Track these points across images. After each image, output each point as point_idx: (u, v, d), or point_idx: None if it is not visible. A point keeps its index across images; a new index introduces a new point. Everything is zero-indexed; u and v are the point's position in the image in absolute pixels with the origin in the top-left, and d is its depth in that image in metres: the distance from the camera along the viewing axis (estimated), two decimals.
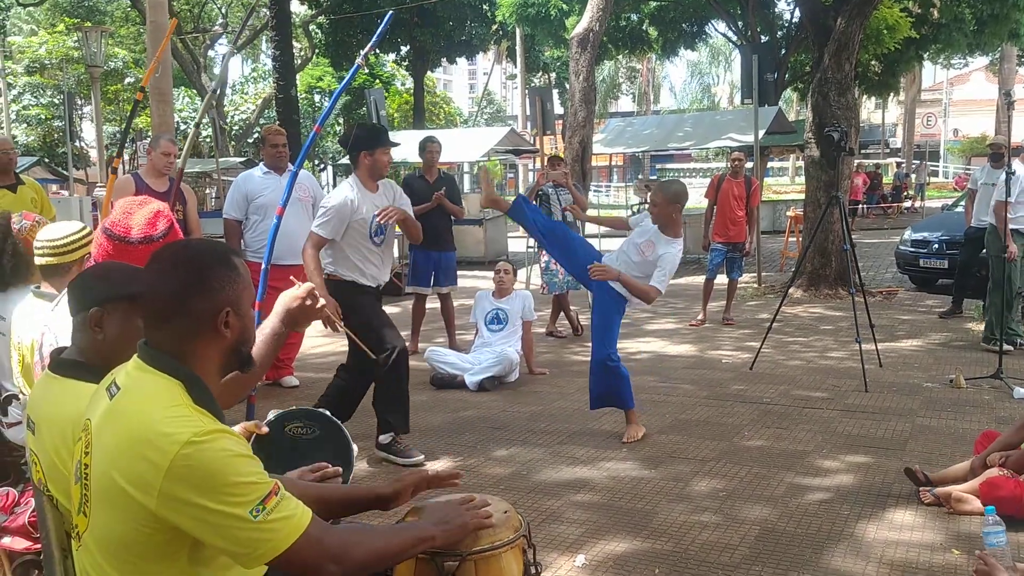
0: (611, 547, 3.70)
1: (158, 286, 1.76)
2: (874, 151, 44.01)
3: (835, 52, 10.75)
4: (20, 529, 2.61)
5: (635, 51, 23.49)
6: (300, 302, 2.35)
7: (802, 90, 21.98)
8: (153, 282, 1.77)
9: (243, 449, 1.66)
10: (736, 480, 4.49)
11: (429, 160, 7.85)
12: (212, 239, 2.14)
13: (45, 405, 2.11)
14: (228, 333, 1.77)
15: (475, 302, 7.33)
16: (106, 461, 1.65)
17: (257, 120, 32.42)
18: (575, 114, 13.33)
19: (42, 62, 30.73)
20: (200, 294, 1.74)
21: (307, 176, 6.81)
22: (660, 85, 57.42)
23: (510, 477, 4.61)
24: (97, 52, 13.59)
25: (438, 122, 39.35)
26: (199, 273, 1.75)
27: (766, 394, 6.25)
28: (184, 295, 1.73)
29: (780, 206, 21.39)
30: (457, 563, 2.00)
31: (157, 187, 5.93)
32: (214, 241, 1.94)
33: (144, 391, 1.70)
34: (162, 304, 1.75)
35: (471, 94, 74.09)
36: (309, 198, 6.47)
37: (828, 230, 10.53)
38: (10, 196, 6.45)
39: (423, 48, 28.65)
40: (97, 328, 2.11)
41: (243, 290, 1.81)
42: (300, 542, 1.64)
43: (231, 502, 1.59)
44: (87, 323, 2.12)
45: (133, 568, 1.67)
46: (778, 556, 3.58)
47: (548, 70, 36.26)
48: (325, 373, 7.22)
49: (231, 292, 1.77)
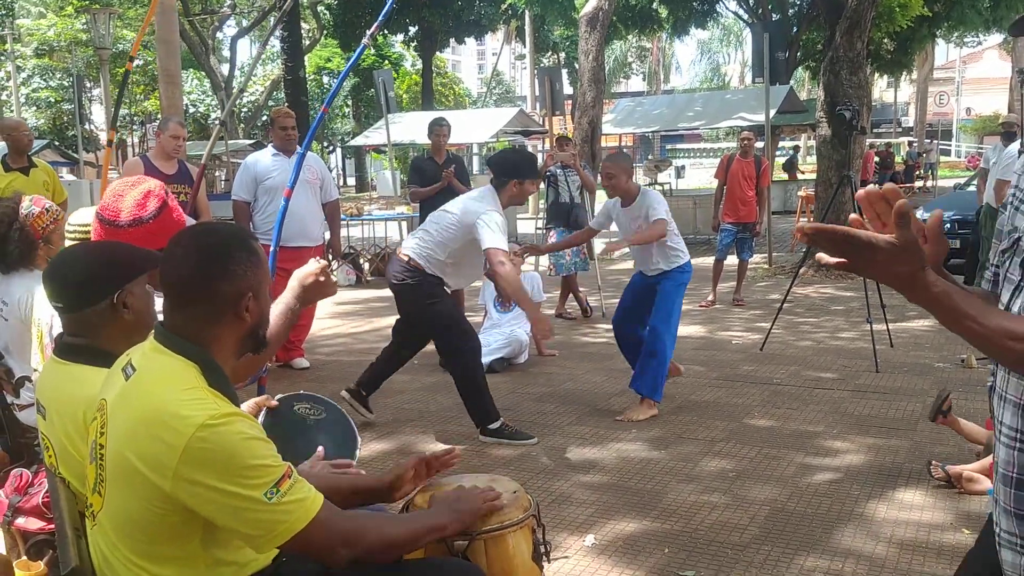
0: (620, 527, 3.72)
1: (181, 270, 1.75)
2: (886, 130, 43.66)
3: (847, 30, 10.66)
4: (34, 509, 2.62)
5: (645, 30, 23.31)
6: (314, 278, 2.38)
7: (814, 69, 21.80)
8: (175, 265, 1.77)
9: (258, 432, 1.67)
10: (745, 460, 4.49)
11: (437, 142, 7.84)
12: (229, 222, 2.13)
13: (52, 390, 2.11)
14: (248, 317, 1.78)
15: (483, 284, 7.32)
16: (121, 441, 1.66)
17: (266, 102, 32.38)
18: (584, 94, 13.27)
19: (51, 45, 30.72)
20: (224, 279, 1.74)
21: (315, 158, 6.80)
22: (670, 64, 57.11)
23: (519, 458, 4.63)
24: (106, 34, 13.55)
25: (447, 103, 39.24)
26: (223, 258, 1.75)
27: (776, 375, 6.24)
28: (208, 279, 1.74)
29: (791, 186, 21.28)
30: (467, 543, 2.01)
31: (166, 169, 5.93)
32: (235, 225, 1.93)
33: (160, 372, 1.71)
34: (185, 288, 1.75)
35: (480, 75, 73.79)
36: (317, 180, 6.48)
37: (840, 210, 10.47)
38: (23, 179, 6.47)
39: (431, 28, 28.51)
40: (125, 309, 2.11)
41: (263, 275, 1.82)
42: (313, 524, 1.65)
43: (246, 484, 1.60)
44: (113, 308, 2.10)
45: (147, 548, 1.69)
46: (788, 536, 3.58)
47: (557, 50, 36.06)
48: (335, 356, 7.26)
49: (252, 277, 1.78)
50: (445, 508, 1.99)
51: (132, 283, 2.12)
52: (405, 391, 6.06)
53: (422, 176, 7.81)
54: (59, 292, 2.16)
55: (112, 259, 2.17)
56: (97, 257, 2.19)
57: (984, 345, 1.25)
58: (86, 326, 2.13)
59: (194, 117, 29.80)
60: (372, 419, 5.17)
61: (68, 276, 2.15)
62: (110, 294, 2.10)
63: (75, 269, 2.15)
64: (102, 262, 2.16)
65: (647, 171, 20.68)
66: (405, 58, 38.81)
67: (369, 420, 5.15)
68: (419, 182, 7.81)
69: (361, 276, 11.65)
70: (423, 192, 7.73)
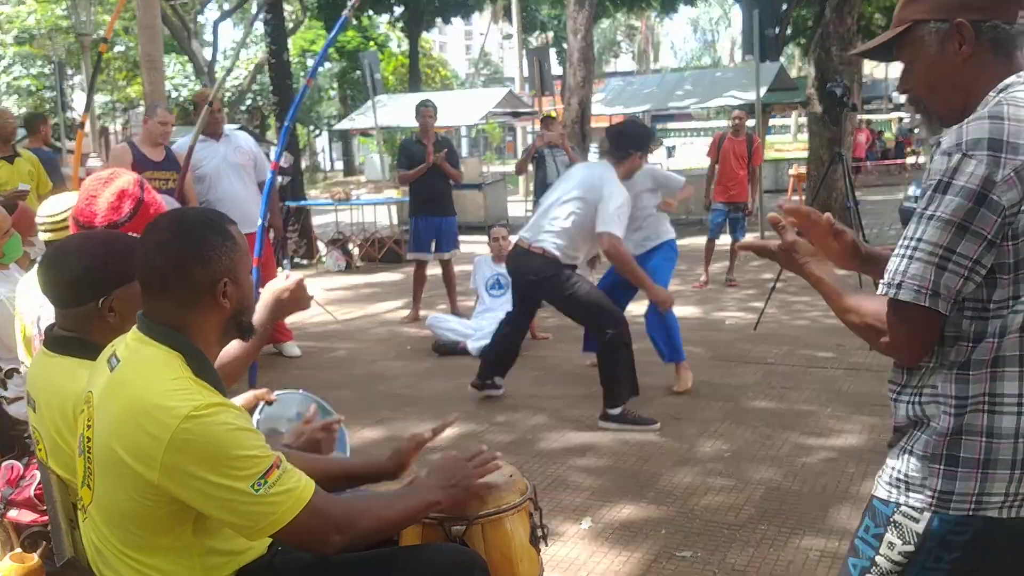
0: (617, 509, 3.72)
1: (155, 257, 1.73)
2: (877, 106, 43.69)
3: (837, 6, 10.63)
4: (26, 502, 2.61)
5: (634, 8, 23.26)
6: (290, 293, 2.33)
7: (804, 45, 21.78)
8: (150, 253, 1.74)
9: (244, 422, 1.66)
10: (741, 441, 4.49)
11: (424, 124, 7.76)
12: (207, 208, 2.08)
13: (42, 383, 2.10)
14: (227, 303, 1.76)
15: (475, 268, 7.30)
16: (108, 434, 1.66)
17: (249, 86, 32.12)
18: (574, 74, 13.19)
19: (31, 32, 30.37)
20: (198, 264, 1.72)
21: (245, 138, 6.61)
22: (660, 43, 56.94)
23: (514, 443, 4.62)
24: (87, 20, 13.42)
25: (434, 85, 39.04)
26: (196, 243, 1.73)
27: (770, 354, 6.24)
28: (181, 265, 1.71)
29: (782, 164, 21.28)
30: (464, 527, 2.01)
31: (153, 156, 5.86)
32: (209, 210, 1.90)
33: (144, 363, 1.69)
34: (160, 275, 1.73)
35: (467, 55, 73.49)
36: (250, 162, 6.34)
37: (831, 187, 10.47)
38: (7, 167, 6.41)
39: (418, 8, 28.31)
40: (111, 312, 2.07)
41: (240, 259, 1.79)
42: (303, 514, 1.64)
43: (233, 476, 1.59)
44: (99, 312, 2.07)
45: (138, 540, 1.68)
46: (784, 515, 3.59)
47: (545, 29, 35.92)
48: (326, 342, 7.23)
49: (228, 261, 1.75)
50: (440, 483, 1.96)
51: (121, 288, 2.07)
52: (399, 377, 6.04)
53: (410, 159, 7.75)
54: (48, 287, 2.15)
55: (102, 263, 2.11)
56: (88, 258, 2.12)
57: (841, 319, 1.59)
58: (74, 322, 2.11)
59: (177, 102, 29.51)
60: (501, 392, 5.36)
61: (57, 274, 2.12)
62: (95, 299, 2.07)
63: (65, 267, 2.12)
64: (92, 265, 2.10)
65: None
66: (391, 39, 38.55)
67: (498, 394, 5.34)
68: (407, 165, 7.75)
69: (351, 262, 11.59)
70: (410, 174, 7.67)
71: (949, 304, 1.43)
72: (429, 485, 1.96)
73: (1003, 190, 1.38)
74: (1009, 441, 1.45)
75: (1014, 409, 1.45)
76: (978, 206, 1.38)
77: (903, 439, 1.56)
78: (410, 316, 7.88)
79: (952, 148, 1.42)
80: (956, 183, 1.40)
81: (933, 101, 1.59)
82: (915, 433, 1.53)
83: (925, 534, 1.50)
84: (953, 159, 1.41)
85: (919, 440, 1.52)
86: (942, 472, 1.48)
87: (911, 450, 1.53)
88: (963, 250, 1.40)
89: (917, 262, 1.43)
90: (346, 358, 6.67)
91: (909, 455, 1.53)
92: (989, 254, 1.41)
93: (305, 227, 12.12)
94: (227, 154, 6.18)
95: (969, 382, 1.46)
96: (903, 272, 1.45)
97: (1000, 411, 1.45)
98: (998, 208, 1.38)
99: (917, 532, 1.51)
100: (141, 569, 1.68)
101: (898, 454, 1.56)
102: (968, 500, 1.47)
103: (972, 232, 1.39)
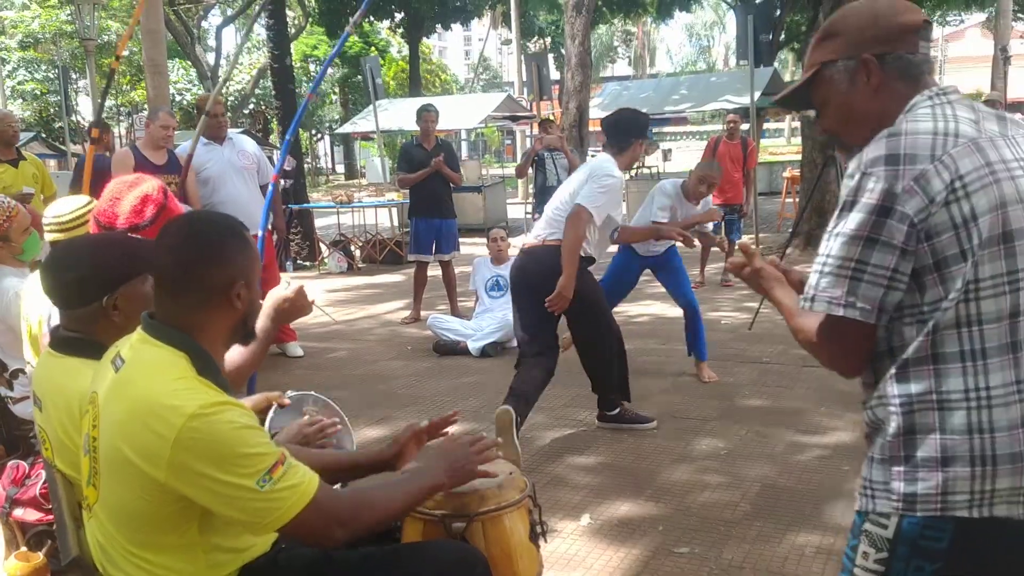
0: (615, 507, 3.76)
1: (172, 259, 1.75)
2: None
3: (830, 11, 10.64)
4: (32, 501, 2.63)
5: (630, 14, 23.30)
6: (290, 302, 2.38)
7: (798, 51, 21.82)
8: (167, 254, 1.76)
9: (249, 420, 1.67)
10: (736, 439, 4.54)
11: (426, 128, 7.83)
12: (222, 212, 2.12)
13: (48, 383, 2.12)
14: (239, 305, 1.78)
15: (474, 269, 7.35)
16: (114, 433, 1.67)
17: (252, 91, 32.17)
18: (572, 79, 13.26)
19: (36, 36, 30.41)
20: (215, 267, 1.74)
21: (248, 142, 6.68)
22: (656, 48, 56.97)
23: None
24: (91, 25, 13.44)
25: (434, 90, 39.09)
26: (213, 246, 1.76)
27: (765, 353, 6.29)
28: (200, 267, 1.74)
29: (776, 167, 21.31)
30: (464, 524, 2.03)
31: (156, 160, 5.91)
32: (225, 214, 1.93)
33: (149, 364, 1.71)
34: (176, 277, 1.75)
35: (467, 60, 73.50)
36: (253, 165, 6.39)
37: (825, 190, 10.51)
38: (12, 171, 6.44)
39: (418, 14, 28.36)
40: (115, 311, 2.10)
41: (254, 264, 1.83)
42: (307, 510, 1.65)
43: (238, 473, 1.60)
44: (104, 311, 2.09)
45: (144, 538, 1.70)
46: (779, 512, 3.64)
47: (543, 35, 35.96)
48: (327, 343, 7.28)
49: (244, 265, 1.78)
50: (441, 465, 1.96)
51: (124, 287, 2.10)
52: (400, 377, 6.09)
53: (410, 162, 7.82)
54: (51, 289, 2.16)
55: (106, 261, 2.14)
56: (92, 257, 2.15)
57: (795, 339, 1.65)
58: (79, 322, 2.13)
59: (180, 106, 29.57)
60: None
61: (60, 274, 2.13)
62: (99, 298, 2.09)
63: (68, 268, 2.13)
64: (95, 264, 2.13)
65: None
66: (392, 45, 38.61)
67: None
68: (407, 168, 7.82)
69: (353, 263, 11.64)
70: (411, 178, 7.75)
71: (877, 313, 1.48)
72: (430, 468, 1.96)
73: (905, 200, 1.44)
74: (964, 437, 1.45)
75: (963, 405, 1.45)
76: (883, 218, 1.45)
77: (868, 448, 1.58)
78: (411, 317, 7.93)
79: (854, 170, 1.50)
80: (860, 200, 1.47)
81: (852, 135, 1.65)
82: (875, 439, 1.54)
83: (895, 539, 1.49)
84: (855, 180, 1.49)
85: (877, 445, 1.53)
86: (902, 474, 1.49)
87: (873, 457, 1.54)
88: (876, 261, 1.46)
89: (828, 276, 1.50)
90: (347, 358, 6.72)
91: (872, 462, 1.54)
92: (906, 262, 1.46)
93: (307, 229, 12.18)
94: (231, 158, 6.24)
95: (911, 381, 1.48)
96: (815, 286, 1.52)
97: (949, 408, 1.46)
98: (904, 217, 1.44)
99: (887, 538, 1.50)
100: (147, 567, 1.70)
101: (865, 463, 1.57)
102: (933, 500, 1.46)
103: (882, 243, 1.45)
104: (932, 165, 1.45)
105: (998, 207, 1.45)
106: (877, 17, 1.61)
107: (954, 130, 1.49)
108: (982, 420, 1.44)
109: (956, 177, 1.44)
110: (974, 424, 1.45)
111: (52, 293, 2.17)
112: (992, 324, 1.45)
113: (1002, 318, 1.45)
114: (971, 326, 1.45)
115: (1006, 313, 1.45)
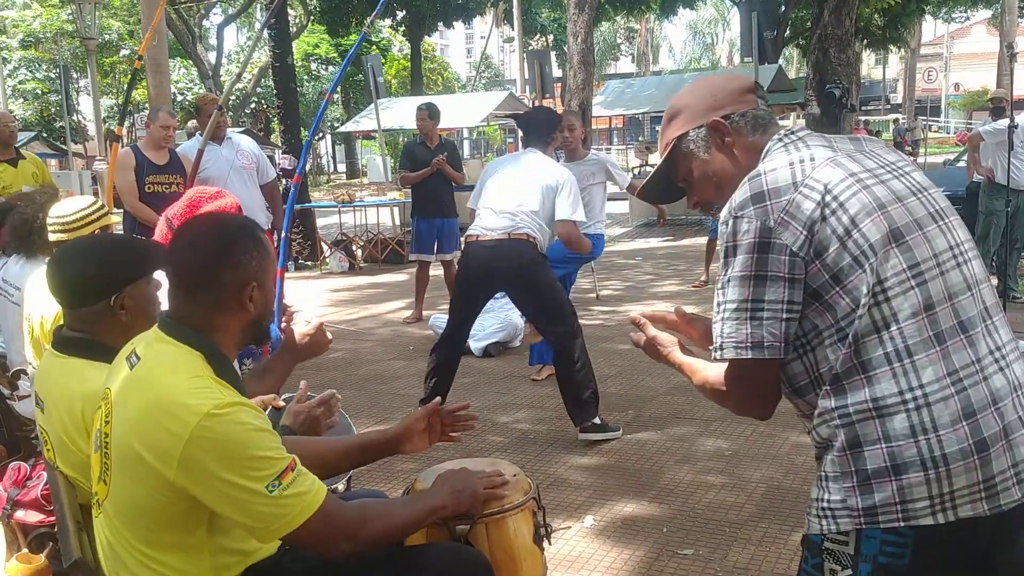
0: (619, 508, 3.74)
1: (187, 258, 1.77)
2: (875, 107, 43.69)
3: (835, 8, 10.64)
4: (33, 502, 2.62)
5: (633, 11, 23.28)
6: (310, 339, 2.47)
7: (803, 47, 21.80)
8: (184, 254, 1.78)
9: (262, 423, 1.67)
10: (741, 439, 4.52)
11: (421, 127, 7.81)
12: (239, 214, 2.11)
13: (50, 383, 2.11)
14: (252, 307, 1.78)
15: None
16: (126, 430, 1.67)
17: (254, 89, 32.20)
18: (574, 76, 13.24)
19: (36, 36, 30.47)
20: (229, 267, 1.75)
21: (247, 141, 6.68)
22: (659, 45, 56.96)
23: (516, 442, 4.65)
24: (91, 24, 13.47)
25: (436, 88, 39.09)
26: (231, 247, 1.76)
27: None
28: (214, 267, 1.75)
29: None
30: (468, 526, 2.02)
31: (157, 160, 5.90)
32: (239, 215, 1.94)
33: (165, 361, 1.71)
34: (192, 276, 1.76)
35: (468, 59, 73.52)
36: (252, 164, 6.39)
37: None
38: (11, 171, 6.43)
39: (420, 12, 28.37)
40: (122, 310, 2.09)
41: (269, 266, 1.83)
42: (314, 519, 1.65)
43: (249, 476, 1.60)
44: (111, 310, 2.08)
45: (152, 536, 1.69)
46: (784, 513, 3.62)
47: (546, 32, 35.96)
48: (330, 343, 7.24)
49: (258, 267, 1.78)
50: (446, 488, 1.98)
51: (131, 286, 2.10)
52: (401, 377, 6.07)
53: (413, 161, 7.80)
54: (56, 288, 2.16)
55: (112, 260, 2.14)
56: (98, 257, 2.15)
57: (704, 395, 1.72)
58: (84, 322, 2.12)
59: (182, 105, 29.58)
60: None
61: (66, 274, 2.13)
62: (106, 297, 2.08)
63: (74, 267, 2.13)
64: (102, 262, 2.13)
65: (638, 153, 20.64)
66: (393, 43, 38.62)
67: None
68: (410, 167, 7.81)
69: (354, 263, 11.63)
70: (413, 177, 7.73)
71: (782, 347, 1.51)
72: (436, 490, 1.98)
73: (780, 231, 1.48)
74: (909, 441, 1.42)
75: (901, 408, 1.43)
76: (764, 254, 1.49)
77: (819, 468, 1.55)
78: (413, 316, 7.91)
79: (726, 217, 1.55)
80: (739, 243, 1.51)
81: (722, 196, 1.66)
82: (824, 458, 1.52)
83: (857, 555, 1.46)
84: (730, 225, 1.53)
85: (827, 463, 1.51)
86: (856, 489, 1.45)
87: (825, 475, 1.51)
88: (770, 296, 1.49)
89: (729, 322, 1.54)
90: (349, 358, 6.70)
91: (824, 481, 1.51)
92: (796, 290, 1.49)
93: (309, 229, 12.17)
94: (230, 157, 6.23)
95: (846, 393, 1.47)
96: (720, 334, 1.55)
97: (888, 414, 1.43)
98: (783, 248, 1.48)
99: (850, 555, 1.48)
100: (153, 565, 1.70)
101: (816, 483, 1.54)
102: (892, 510, 1.43)
103: (771, 278, 1.49)
104: (797, 193, 1.49)
105: (876, 209, 1.48)
106: (712, 87, 1.74)
107: (809, 156, 1.54)
108: (923, 420, 1.42)
109: (825, 192, 1.48)
110: (916, 426, 1.42)
111: (58, 291, 2.16)
112: (909, 321, 1.44)
113: (917, 313, 1.45)
114: (889, 327, 1.44)
115: (920, 307, 1.45)
